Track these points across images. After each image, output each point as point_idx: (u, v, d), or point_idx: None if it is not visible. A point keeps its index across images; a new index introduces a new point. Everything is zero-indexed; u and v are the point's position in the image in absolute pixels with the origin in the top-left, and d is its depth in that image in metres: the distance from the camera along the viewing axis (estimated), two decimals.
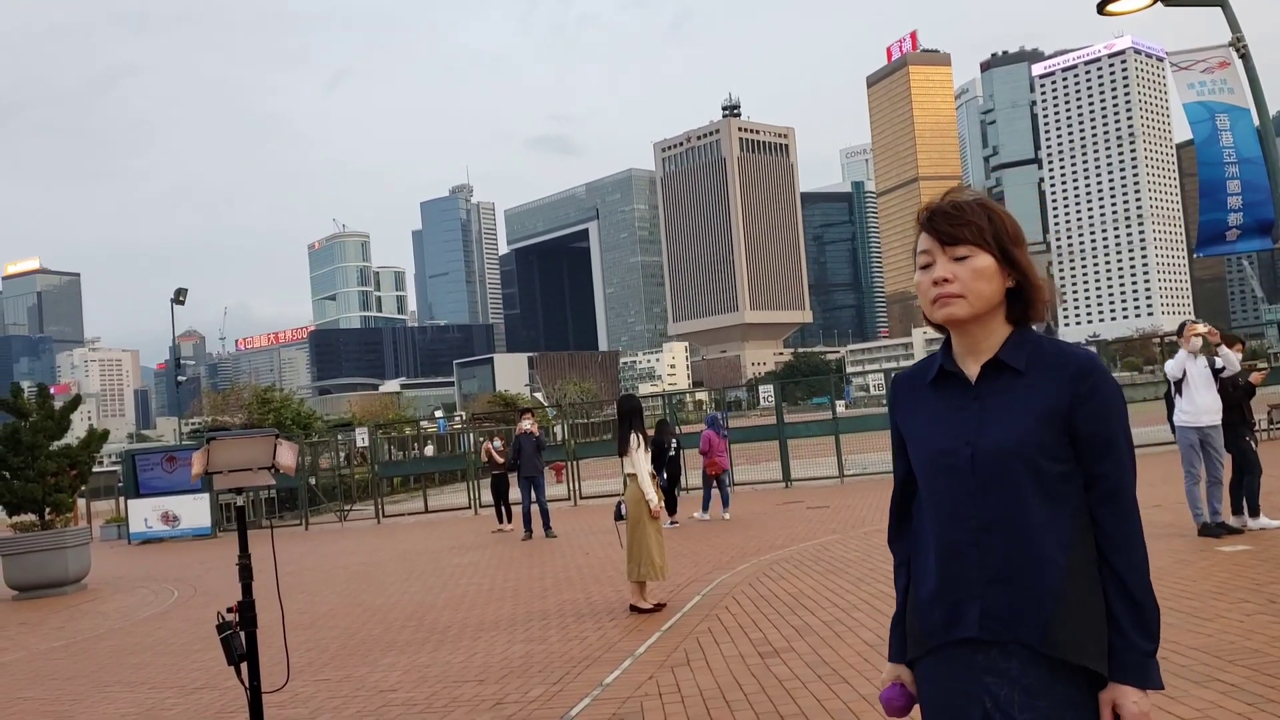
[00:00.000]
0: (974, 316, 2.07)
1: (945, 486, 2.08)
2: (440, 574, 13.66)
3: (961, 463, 2.05)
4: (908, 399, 2.23)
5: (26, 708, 7.79)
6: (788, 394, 35.06)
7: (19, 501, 16.36)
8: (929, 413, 2.16)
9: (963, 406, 2.09)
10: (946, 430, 2.10)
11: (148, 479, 26.11)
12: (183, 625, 11.49)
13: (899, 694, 2.22)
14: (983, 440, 2.03)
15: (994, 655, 2.00)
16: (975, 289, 2.05)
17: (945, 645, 2.06)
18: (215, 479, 4.15)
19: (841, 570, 10.37)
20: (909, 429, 2.21)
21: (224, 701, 7.28)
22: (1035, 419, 2.02)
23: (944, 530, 2.08)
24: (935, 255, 2.09)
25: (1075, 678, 1.97)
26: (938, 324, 2.14)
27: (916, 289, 2.17)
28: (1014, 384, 2.06)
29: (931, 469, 2.11)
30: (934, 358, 2.19)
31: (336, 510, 29.02)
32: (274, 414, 45.72)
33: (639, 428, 9.60)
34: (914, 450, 2.19)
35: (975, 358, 2.11)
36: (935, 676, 2.09)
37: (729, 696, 6.08)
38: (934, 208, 2.13)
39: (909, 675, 2.21)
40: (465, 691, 6.90)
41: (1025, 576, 1.98)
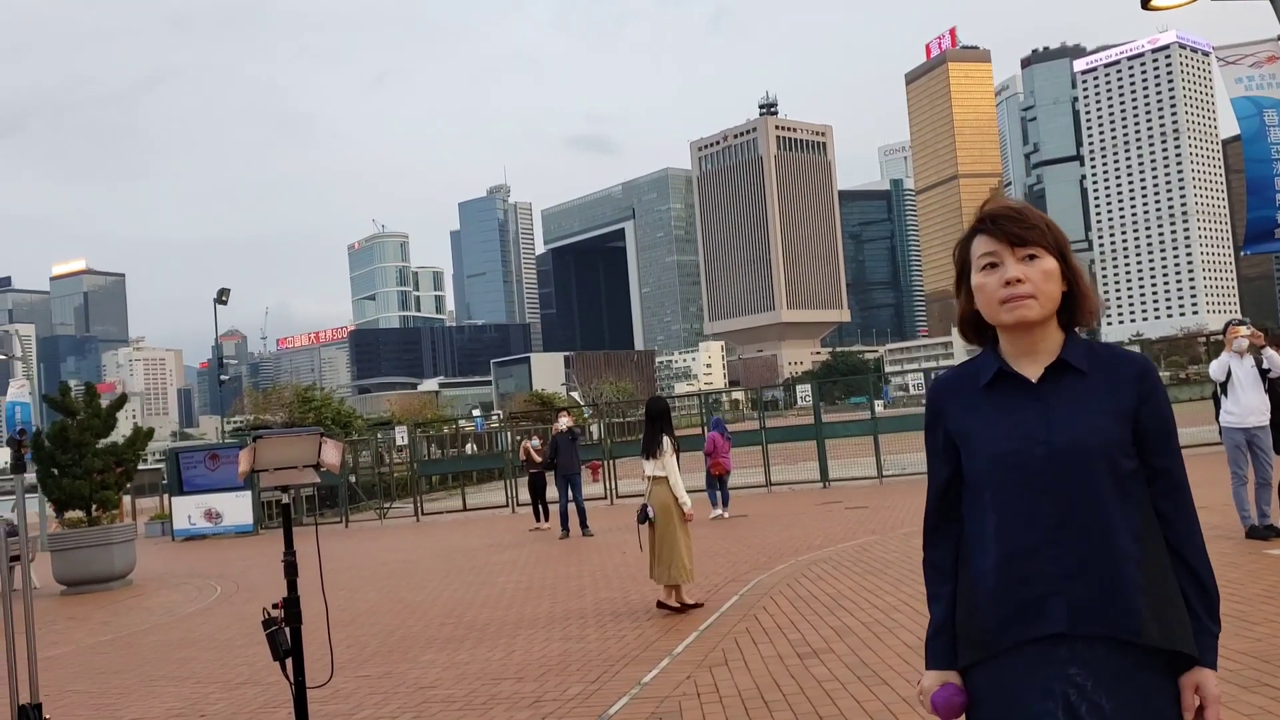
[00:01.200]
0: (1044, 319, 2.11)
1: (1014, 486, 2.08)
2: (479, 572, 13.73)
3: (1034, 461, 2.06)
4: (957, 403, 2.22)
5: (75, 700, 7.93)
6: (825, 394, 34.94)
7: (67, 498, 16.66)
8: (986, 415, 2.15)
9: (1024, 407, 2.11)
10: (1011, 430, 2.10)
11: (191, 477, 26.48)
12: (226, 621, 11.64)
13: (956, 692, 2.19)
14: (1057, 438, 2.06)
15: (1078, 646, 2.01)
16: (1046, 290, 2.09)
17: (1021, 646, 2.05)
18: (261, 477, 4.20)
19: (881, 571, 10.31)
20: (963, 432, 2.19)
21: (267, 696, 7.37)
22: (1111, 417, 2.07)
23: (1015, 529, 2.08)
24: (1003, 257, 2.10)
25: (1154, 663, 2.01)
26: (978, 331, 2.19)
27: (976, 292, 2.16)
28: (1078, 384, 2.10)
29: (997, 469, 2.11)
30: (979, 362, 2.21)
31: (376, 508, 29.27)
32: (315, 413, 46.25)
33: (669, 430, 9.57)
34: (971, 452, 2.17)
35: (1031, 359, 2.14)
36: (1004, 676, 2.07)
37: (768, 697, 6.07)
38: (996, 211, 2.14)
39: (958, 678, 2.20)
40: (504, 689, 6.94)
41: (1107, 570, 2.02)
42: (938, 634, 2.23)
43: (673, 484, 9.35)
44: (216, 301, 42.79)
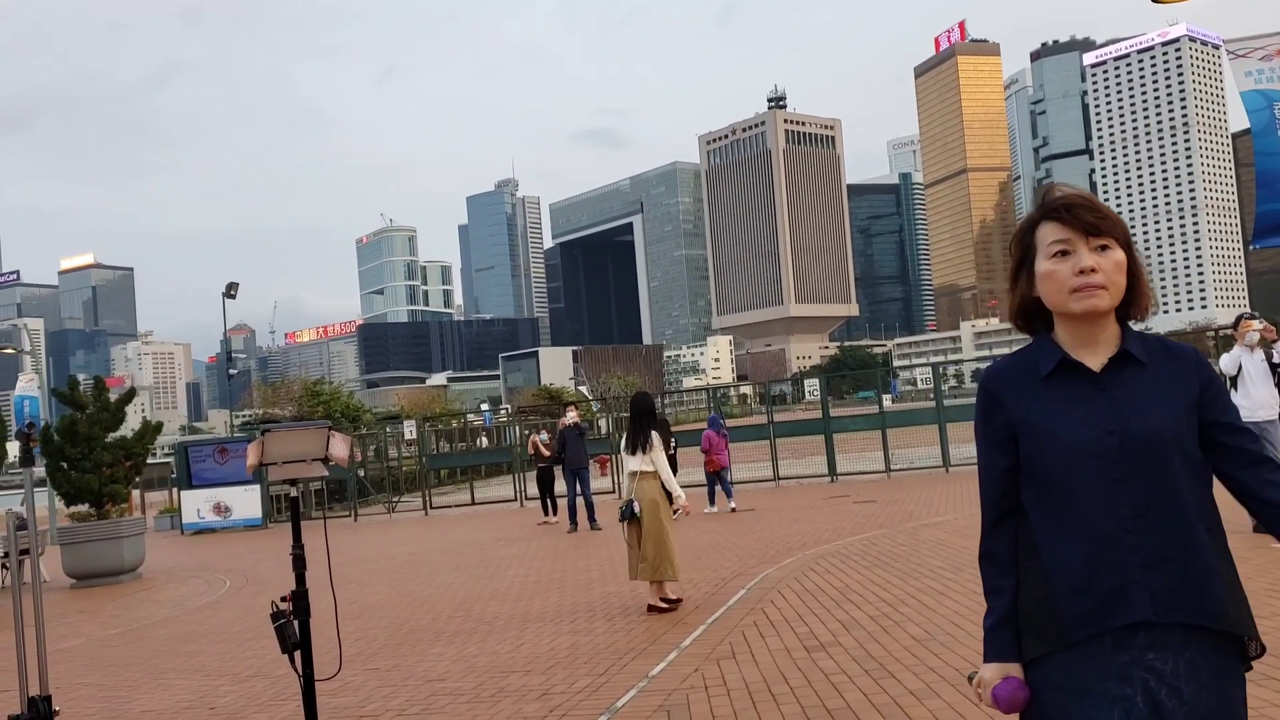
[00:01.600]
0: (1112, 309, 2.13)
1: (1089, 477, 2.08)
2: (487, 565, 13.76)
3: (1108, 451, 2.07)
4: (1017, 392, 2.20)
5: (85, 693, 7.97)
6: (833, 388, 34.90)
7: (76, 492, 16.73)
8: (1051, 405, 2.14)
9: (1089, 396, 2.11)
10: (1080, 420, 2.10)
11: (200, 470, 26.56)
12: (235, 614, 11.69)
13: (1020, 686, 2.16)
14: (1129, 428, 2.07)
15: (1156, 633, 2.03)
16: (1116, 281, 2.11)
17: (1097, 636, 2.05)
18: (270, 470, 4.22)
19: (888, 565, 10.31)
20: (1026, 422, 2.17)
21: (276, 689, 7.40)
22: (1180, 407, 2.10)
23: (1091, 519, 2.07)
24: (1077, 245, 2.11)
25: (1227, 647, 2.06)
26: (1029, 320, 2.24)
27: (1046, 278, 2.15)
28: (1140, 375, 2.12)
29: (1070, 460, 2.10)
30: (1035, 351, 2.20)
31: (385, 502, 29.33)
32: (323, 407, 46.31)
33: (654, 426, 9.53)
34: (1037, 442, 2.15)
35: (1091, 350, 2.14)
36: (1079, 665, 2.07)
37: (775, 690, 6.08)
38: (1069, 199, 2.14)
39: (1019, 670, 2.18)
40: (512, 682, 6.96)
41: (1186, 557, 2.04)
42: (1000, 625, 2.20)
43: (664, 479, 9.24)
44: (225, 296, 42.86)
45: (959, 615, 7.58)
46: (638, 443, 9.28)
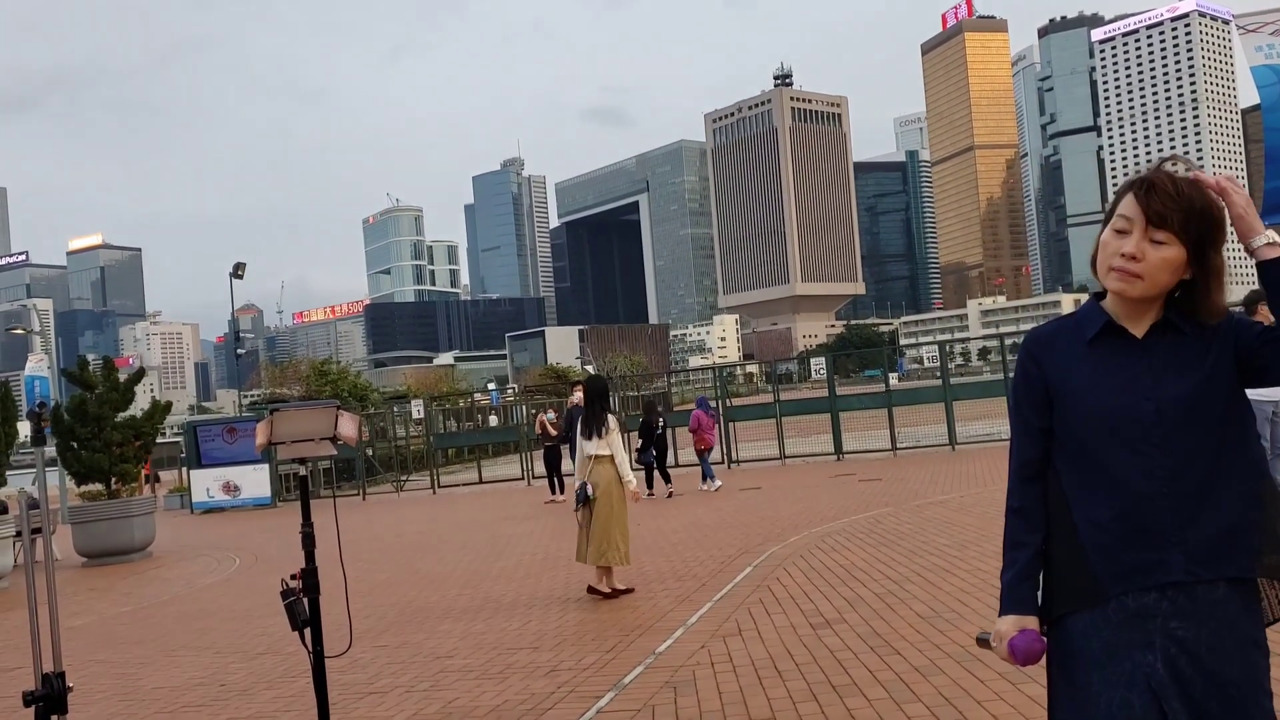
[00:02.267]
0: (1144, 299, 2.15)
1: (1125, 439, 2.12)
2: (494, 544, 13.83)
3: (1145, 416, 2.11)
4: (1058, 356, 2.24)
5: (98, 670, 8.04)
6: (839, 366, 34.86)
7: (87, 471, 16.83)
8: (1090, 369, 2.18)
9: (1130, 363, 2.15)
10: (1119, 385, 2.14)
11: (209, 450, 26.68)
12: (245, 592, 11.77)
13: (1036, 638, 2.21)
14: (1166, 393, 2.10)
15: (1180, 600, 2.06)
16: (1156, 276, 2.12)
17: (1127, 595, 2.10)
18: (279, 449, 4.25)
19: (894, 543, 10.34)
20: (1066, 384, 2.21)
21: (286, 666, 7.47)
22: (1212, 371, 2.12)
23: (1128, 481, 2.11)
24: (1135, 227, 2.13)
25: (1256, 613, 2.09)
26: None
27: (1100, 244, 2.19)
28: (1181, 342, 2.15)
29: (1105, 423, 2.14)
30: (1084, 315, 2.24)
31: (393, 481, 29.45)
32: (331, 386, 46.44)
33: (609, 409, 9.53)
34: (1073, 405, 2.19)
35: (1136, 320, 2.18)
36: (1103, 626, 2.11)
37: (780, 666, 6.12)
38: (1157, 180, 2.14)
39: (1037, 624, 2.23)
40: (520, 658, 7.01)
41: (1222, 516, 2.07)
42: (1022, 579, 2.25)
43: (618, 462, 9.26)
44: (232, 276, 42.88)
45: (964, 592, 7.61)
46: (594, 427, 9.29)
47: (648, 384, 60.04)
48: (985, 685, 5.31)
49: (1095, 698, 2.09)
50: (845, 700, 5.33)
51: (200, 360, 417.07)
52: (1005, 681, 5.29)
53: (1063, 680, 2.17)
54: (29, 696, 3.48)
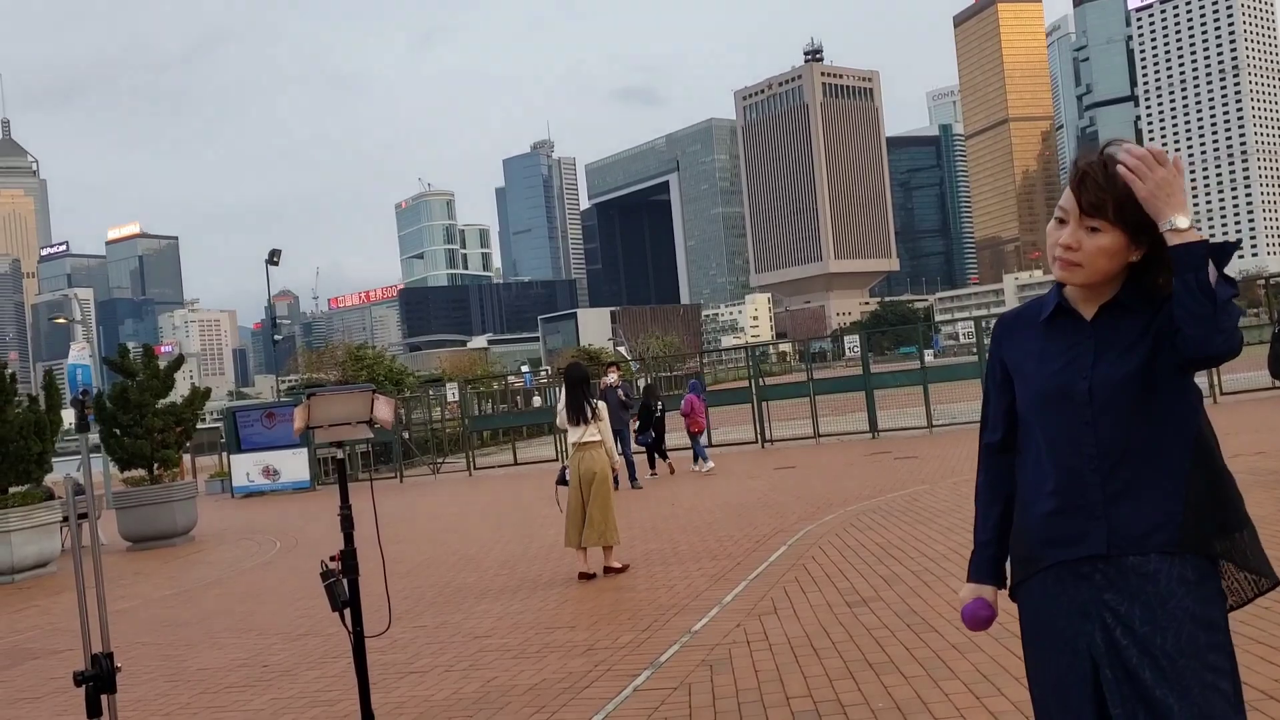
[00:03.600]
0: (1088, 285, 2.19)
1: (1061, 417, 2.19)
2: (530, 524, 13.92)
3: (1078, 394, 2.17)
4: (1015, 336, 2.35)
5: (144, 652, 8.19)
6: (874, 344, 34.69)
7: (129, 457, 17.10)
8: (1041, 349, 2.26)
9: (1077, 343, 2.21)
10: (1061, 366, 2.21)
11: (249, 435, 27.00)
12: (286, 574, 11.93)
13: (985, 606, 2.39)
14: (1099, 373, 2.15)
15: (1112, 573, 2.13)
16: (1095, 264, 2.15)
17: (1062, 564, 2.18)
18: (316, 433, 4.30)
19: (930, 520, 10.31)
20: (1019, 364, 2.32)
21: (327, 647, 7.57)
22: (1153, 349, 2.12)
23: (1061, 457, 2.19)
24: (1070, 218, 2.17)
25: (1192, 585, 2.09)
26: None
27: (1046, 233, 2.26)
28: (1127, 320, 2.17)
29: (1045, 402, 2.22)
30: (1045, 298, 2.31)
31: (429, 463, 29.68)
32: (367, 370, 46.78)
33: (591, 395, 9.67)
34: (1023, 384, 2.29)
35: (1091, 302, 2.22)
36: (1046, 595, 2.22)
37: (816, 644, 6.13)
38: (1088, 170, 2.13)
39: (992, 593, 2.40)
40: (557, 637, 7.07)
41: (1150, 494, 2.12)
42: (982, 549, 2.42)
43: (608, 447, 9.48)
44: (267, 263, 43.29)
45: None
46: (583, 413, 9.37)
47: (680, 364, 59.98)
48: (1023, 662, 5.29)
49: (1046, 663, 2.23)
50: (882, 678, 5.34)
51: (238, 346, 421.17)
52: None
53: (1027, 645, 2.30)
54: (79, 676, 3.56)
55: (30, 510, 14.02)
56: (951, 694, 4.96)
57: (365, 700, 4.25)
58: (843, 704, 5.00)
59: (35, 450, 14.37)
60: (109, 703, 3.62)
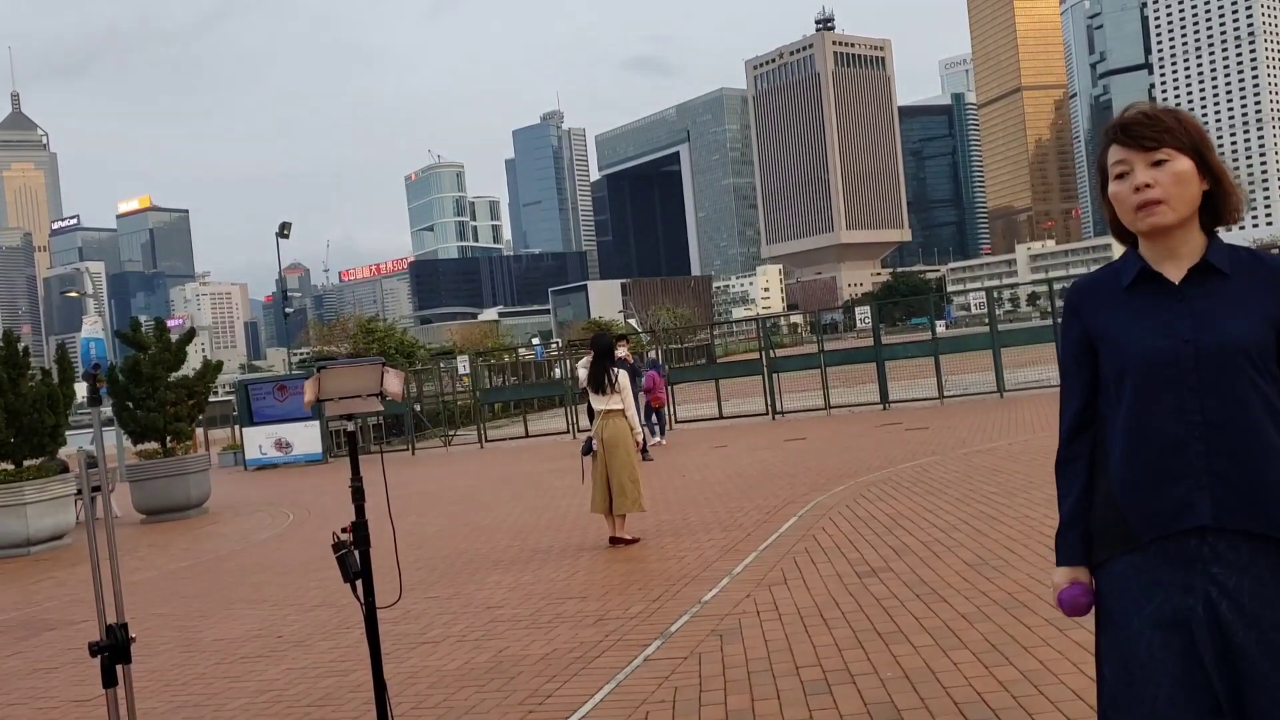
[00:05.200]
0: (1180, 222, 2.12)
1: (1161, 384, 2.12)
2: (541, 496, 13.98)
3: (1182, 360, 2.10)
4: (1098, 304, 2.25)
5: (159, 623, 8.28)
6: (885, 315, 34.58)
7: (142, 430, 17.19)
8: (1129, 314, 2.18)
9: (1169, 308, 2.14)
10: (1158, 330, 2.13)
11: (261, 408, 27.11)
12: (299, 546, 12.02)
13: (1084, 591, 2.26)
14: (1203, 338, 2.09)
15: (1221, 546, 2.06)
16: (1177, 194, 2.10)
17: (1163, 538, 2.10)
18: (326, 406, 4.31)
19: (940, 491, 10.31)
20: (1105, 332, 2.22)
21: (340, 618, 7.63)
22: (1256, 320, 2.09)
23: (1162, 425, 2.11)
24: (1133, 163, 2.13)
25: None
26: (1126, 234, 2.22)
27: (1112, 201, 2.19)
28: (1222, 287, 2.12)
29: (1143, 368, 2.13)
30: (1122, 264, 2.24)
31: (441, 436, 29.78)
32: (378, 343, 46.85)
33: (615, 364, 9.79)
34: (1113, 351, 2.19)
35: (1174, 262, 2.16)
36: (1146, 569, 2.12)
37: (826, 614, 6.16)
38: (1126, 118, 2.15)
39: (1087, 575, 2.27)
40: (568, 608, 7.12)
41: (1256, 465, 2.05)
42: (1065, 530, 2.30)
43: (630, 416, 9.60)
44: (278, 235, 43.27)
45: (1012, 540, 7.58)
46: (604, 382, 9.53)
47: (691, 336, 59.99)
48: (1032, 631, 5.31)
49: (1135, 638, 2.10)
50: (891, 647, 5.36)
51: (249, 319, 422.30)
52: (1052, 628, 5.29)
53: (1107, 623, 2.18)
54: (94, 647, 3.60)
55: (45, 483, 14.13)
56: (960, 663, 4.97)
57: (378, 670, 4.28)
58: (852, 673, 5.02)
59: (49, 424, 14.46)
60: (124, 673, 3.66)
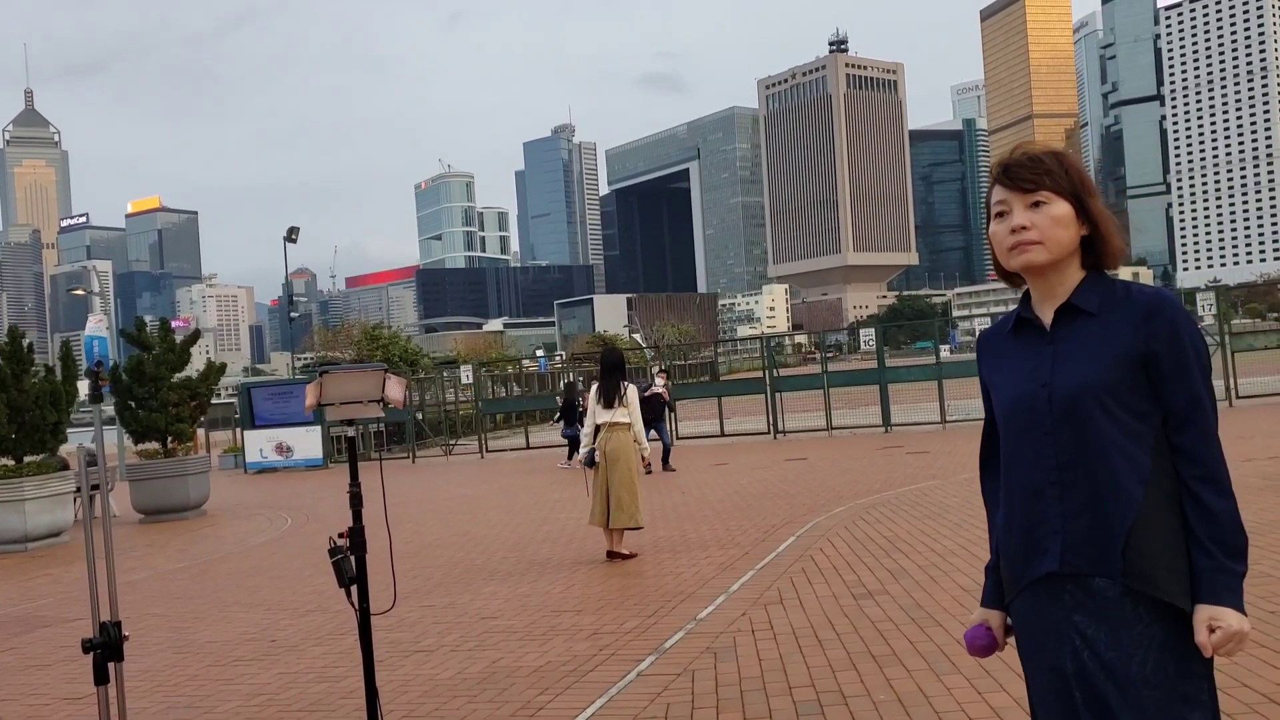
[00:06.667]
0: (1051, 263, 2.13)
1: (1023, 428, 2.15)
2: (540, 508, 13.97)
3: (1039, 404, 2.12)
4: (992, 352, 2.31)
5: (154, 623, 8.27)
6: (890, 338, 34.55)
7: (144, 430, 17.21)
8: (1009, 361, 2.23)
9: (1039, 352, 2.16)
10: (1024, 375, 2.17)
11: (263, 411, 27.14)
12: (296, 551, 12.01)
13: (983, 634, 2.31)
14: (1057, 381, 2.10)
15: (1080, 595, 2.07)
16: (1053, 235, 2.11)
17: (1034, 583, 2.14)
18: (327, 410, 4.31)
19: (939, 515, 10.29)
20: (990, 379, 2.30)
21: (335, 624, 7.62)
22: (1110, 358, 2.07)
23: (1024, 471, 2.15)
24: (1012, 204, 2.15)
25: (1162, 614, 2.01)
26: (1011, 274, 2.23)
27: (990, 240, 2.22)
28: (1088, 326, 2.12)
29: (1010, 413, 2.19)
30: (1014, 310, 2.28)
31: (442, 445, 29.77)
32: (382, 350, 46.85)
33: (626, 378, 9.85)
34: (995, 398, 2.26)
35: (1051, 304, 2.18)
36: (1028, 614, 2.17)
37: (821, 635, 6.14)
38: (1008, 160, 2.18)
39: (998, 619, 2.31)
40: (564, 621, 7.10)
41: (1104, 511, 2.05)
42: (988, 572, 2.37)
43: (636, 431, 9.63)
44: (286, 240, 43.36)
45: None
46: (613, 395, 9.57)
47: (695, 353, 60.00)
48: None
49: (1033, 679, 2.19)
50: (885, 670, 5.34)
51: (254, 323, 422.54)
52: None
53: (1023, 662, 2.24)
54: (87, 644, 3.60)
55: (44, 480, 14.14)
56: (953, 688, 4.96)
57: (370, 677, 4.27)
58: (845, 695, 5.01)
59: (51, 420, 14.49)
60: (116, 670, 3.66)
